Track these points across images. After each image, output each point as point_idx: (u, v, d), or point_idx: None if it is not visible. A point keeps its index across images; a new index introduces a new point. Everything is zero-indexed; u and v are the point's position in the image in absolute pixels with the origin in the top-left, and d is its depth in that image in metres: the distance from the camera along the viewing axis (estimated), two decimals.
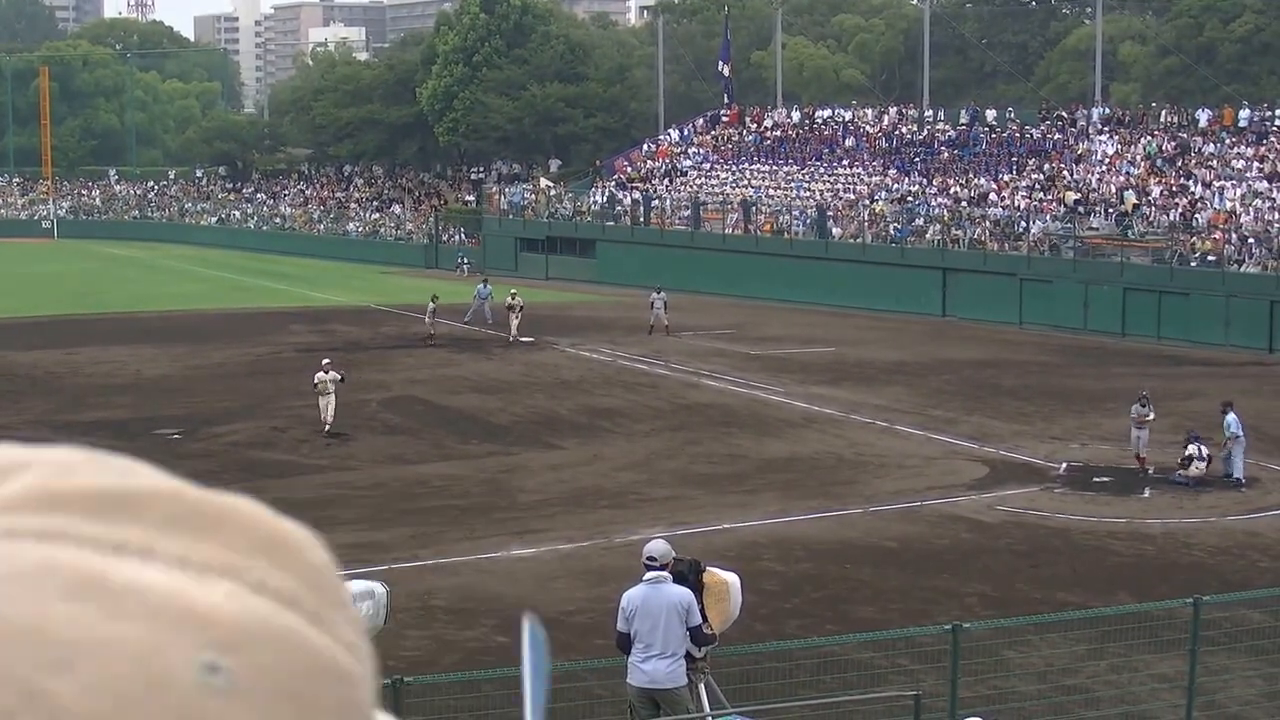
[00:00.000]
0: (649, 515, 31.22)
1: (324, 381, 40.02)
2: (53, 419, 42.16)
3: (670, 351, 55.08)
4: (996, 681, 20.60)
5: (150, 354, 54.46)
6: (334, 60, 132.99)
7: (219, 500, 0.96)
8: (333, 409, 39.92)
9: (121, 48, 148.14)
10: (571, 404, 44.75)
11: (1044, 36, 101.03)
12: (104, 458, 0.98)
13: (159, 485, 0.96)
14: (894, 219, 74.38)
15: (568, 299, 71.33)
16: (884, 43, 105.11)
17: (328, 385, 39.97)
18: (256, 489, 24.56)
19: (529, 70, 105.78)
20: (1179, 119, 74.97)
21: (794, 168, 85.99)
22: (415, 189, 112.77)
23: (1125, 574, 27.37)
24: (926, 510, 32.00)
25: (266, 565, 0.93)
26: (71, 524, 0.89)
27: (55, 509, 0.90)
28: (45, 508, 0.90)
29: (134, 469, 0.98)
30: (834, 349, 56.40)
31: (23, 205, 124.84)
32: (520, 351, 55.58)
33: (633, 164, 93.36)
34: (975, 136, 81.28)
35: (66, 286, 79.52)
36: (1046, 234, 67.82)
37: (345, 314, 67.75)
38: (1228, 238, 62.51)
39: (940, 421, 41.84)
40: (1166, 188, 69.31)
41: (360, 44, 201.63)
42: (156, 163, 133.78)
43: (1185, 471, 34.26)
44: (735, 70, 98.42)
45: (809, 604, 25.29)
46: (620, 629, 15.79)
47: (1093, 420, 41.05)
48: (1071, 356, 55.36)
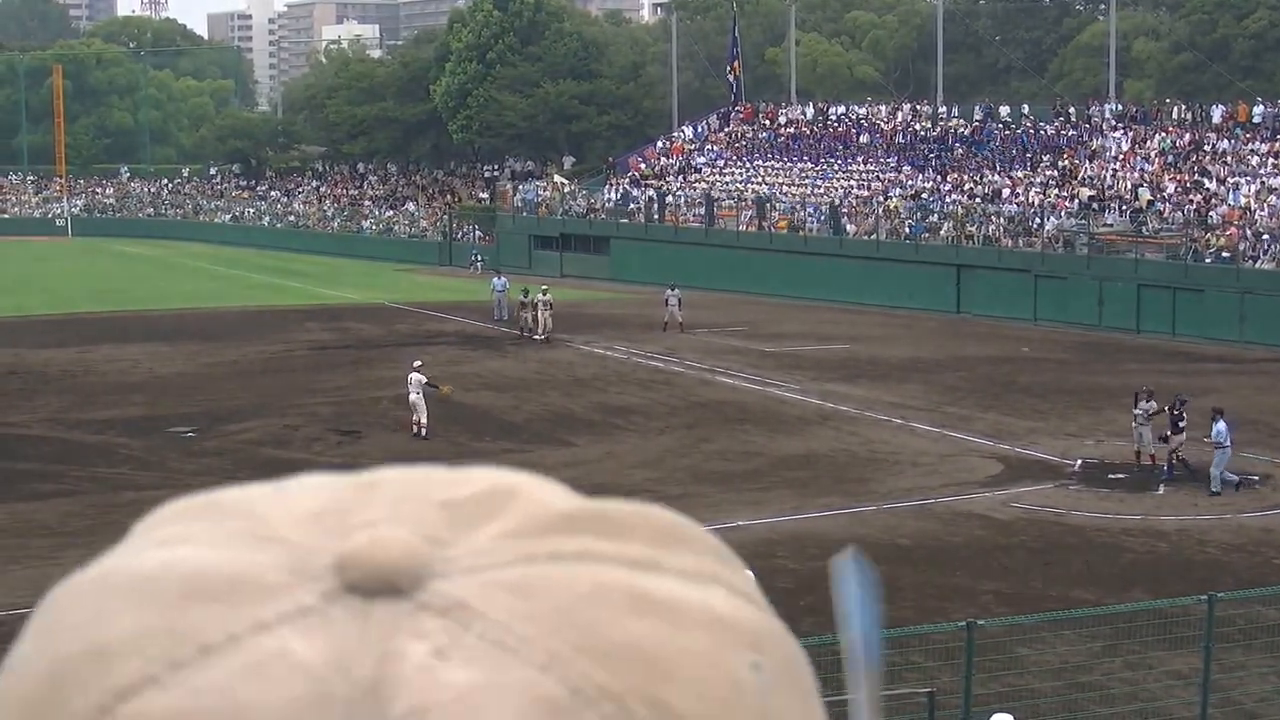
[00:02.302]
0: None
1: (414, 382, 39.92)
2: (67, 417, 42.21)
3: (684, 349, 55.05)
4: (1011, 679, 20.58)
5: (164, 352, 54.49)
6: (348, 58, 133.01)
7: (663, 513, 1.03)
8: (422, 410, 39.84)
9: (135, 46, 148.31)
10: (585, 401, 44.74)
11: (1058, 33, 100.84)
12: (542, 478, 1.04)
13: (619, 504, 1.02)
14: (908, 216, 74.27)
15: (582, 296, 71.29)
16: (897, 39, 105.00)
17: (414, 386, 39.85)
18: None
19: (543, 67, 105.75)
20: (1193, 115, 74.81)
21: (808, 164, 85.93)
22: (429, 186, 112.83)
23: (1140, 571, 27.33)
24: (941, 507, 31.97)
25: (726, 569, 1.02)
26: (590, 543, 0.97)
27: (569, 530, 0.97)
28: (561, 530, 0.97)
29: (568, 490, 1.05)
30: (848, 346, 56.34)
31: (37, 203, 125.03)
32: (534, 349, 55.56)
33: (647, 161, 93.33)
34: (989, 133, 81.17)
35: (80, 284, 79.58)
36: (1061, 230, 67.68)
37: (359, 311, 67.75)
38: (1242, 234, 62.34)
39: (955, 418, 41.79)
40: (1180, 184, 69.19)
41: (374, 41, 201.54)
42: (170, 160, 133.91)
43: None
44: (748, 67, 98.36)
45: (823, 601, 24.99)
46: None
47: (1108, 417, 40.96)
48: (1086, 353, 55.26)
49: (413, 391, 39.71)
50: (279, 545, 0.95)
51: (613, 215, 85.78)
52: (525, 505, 1.00)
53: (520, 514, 0.99)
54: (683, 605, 0.95)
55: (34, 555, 28.10)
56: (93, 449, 37.94)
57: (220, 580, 0.92)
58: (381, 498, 1.00)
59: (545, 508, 1.00)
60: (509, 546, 0.96)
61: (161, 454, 37.38)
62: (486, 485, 1.01)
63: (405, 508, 0.98)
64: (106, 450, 37.82)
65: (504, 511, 0.99)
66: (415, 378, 39.83)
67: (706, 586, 0.98)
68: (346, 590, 0.92)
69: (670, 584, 0.96)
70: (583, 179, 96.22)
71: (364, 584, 0.92)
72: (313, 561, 0.94)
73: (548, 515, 0.99)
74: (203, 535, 0.97)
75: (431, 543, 0.95)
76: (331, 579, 0.92)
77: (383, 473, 1.04)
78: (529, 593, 0.93)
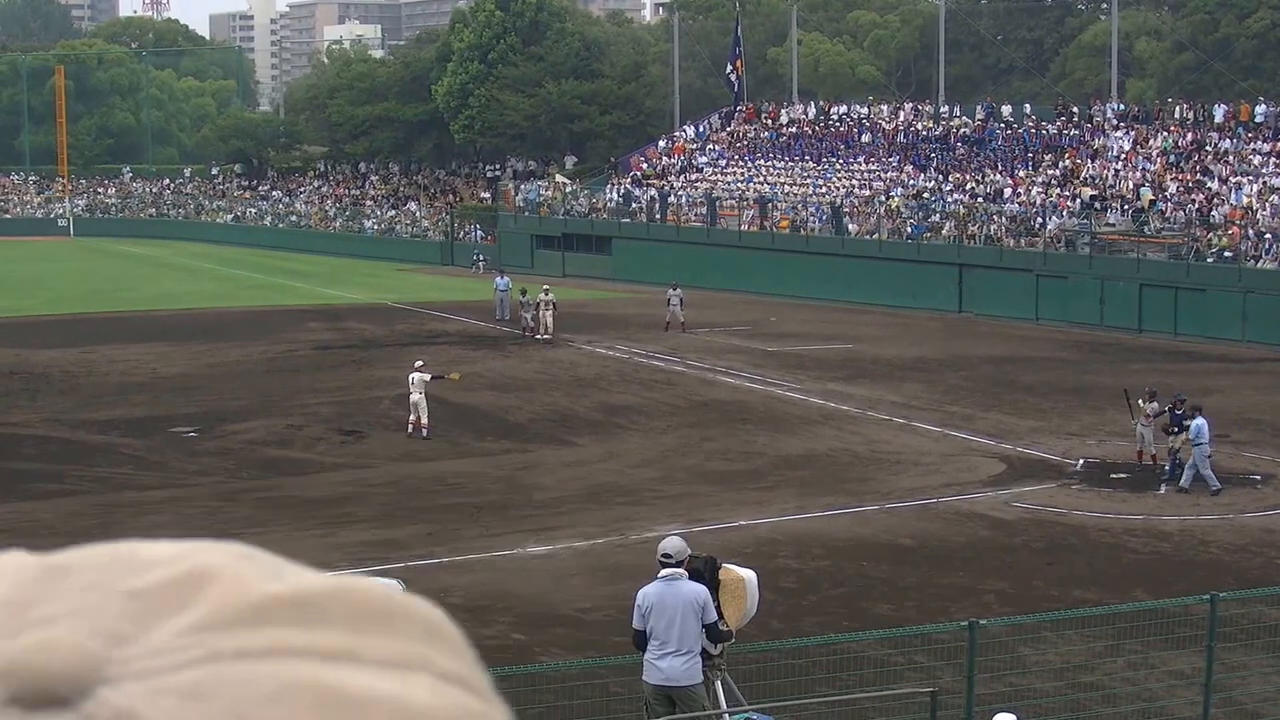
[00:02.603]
0: (665, 512, 31.21)
1: (416, 382, 39.78)
2: (69, 417, 42.22)
3: (686, 348, 55.06)
4: (1013, 678, 20.58)
5: (166, 352, 54.51)
6: (349, 58, 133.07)
7: (369, 589, 0.97)
8: (424, 410, 39.69)
9: (137, 46, 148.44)
10: (588, 401, 44.76)
11: (1060, 32, 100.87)
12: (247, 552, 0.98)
13: (322, 584, 0.96)
14: (910, 215, 74.28)
15: (583, 296, 71.31)
16: (899, 39, 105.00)
17: (416, 386, 39.73)
18: (273, 487, 24.48)
19: (544, 67, 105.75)
20: (1195, 115, 74.79)
21: (810, 164, 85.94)
22: (431, 186, 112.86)
23: (1142, 571, 27.33)
24: (943, 507, 31.97)
25: (435, 651, 0.96)
26: (282, 636, 0.90)
27: (260, 622, 0.90)
28: (251, 621, 0.90)
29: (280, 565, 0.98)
30: (850, 345, 56.35)
31: (39, 204, 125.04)
32: (536, 349, 55.57)
33: (649, 161, 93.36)
34: (991, 132, 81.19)
35: (82, 285, 79.64)
36: (1063, 230, 67.69)
37: (361, 311, 67.80)
38: (1244, 233, 62.35)
39: (957, 418, 41.80)
40: (1183, 183, 69.19)
41: (375, 41, 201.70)
42: (172, 161, 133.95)
43: None
44: (750, 66, 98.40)
45: (825, 601, 25.28)
46: (636, 626, 15.77)
47: (1110, 416, 40.93)
48: (1088, 352, 55.29)
49: (415, 391, 39.65)
50: None
51: (615, 215, 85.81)
52: (219, 593, 0.92)
53: (212, 604, 0.91)
54: (372, 703, 0.88)
55: None
56: (95, 449, 37.96)
57: None
58: (69, 587, 0.92)
59: (239, 596, 0.92)
60: (192, 643, 0.88)
61: (164, 454, 37.38)
62: (182, 570, 0.93)
63: (91, 599, 0.90)
64: (109, 450, 37.84)
65: (195, 601, 0.91)
66: (416, 377, 39.73)
67: (408, 675, 0.91)
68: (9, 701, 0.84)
69: (366, 677, 0.89)
70: (585, 179, 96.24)
71: (26, 695, 0.84)
72: None
73: (240, 604, 0.91)
74: None
75: (111, 641, 0.87)
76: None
77: (75, 554, 0.96)
78: (205, 697, 0.85)
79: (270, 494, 33.12)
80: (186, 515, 31.03)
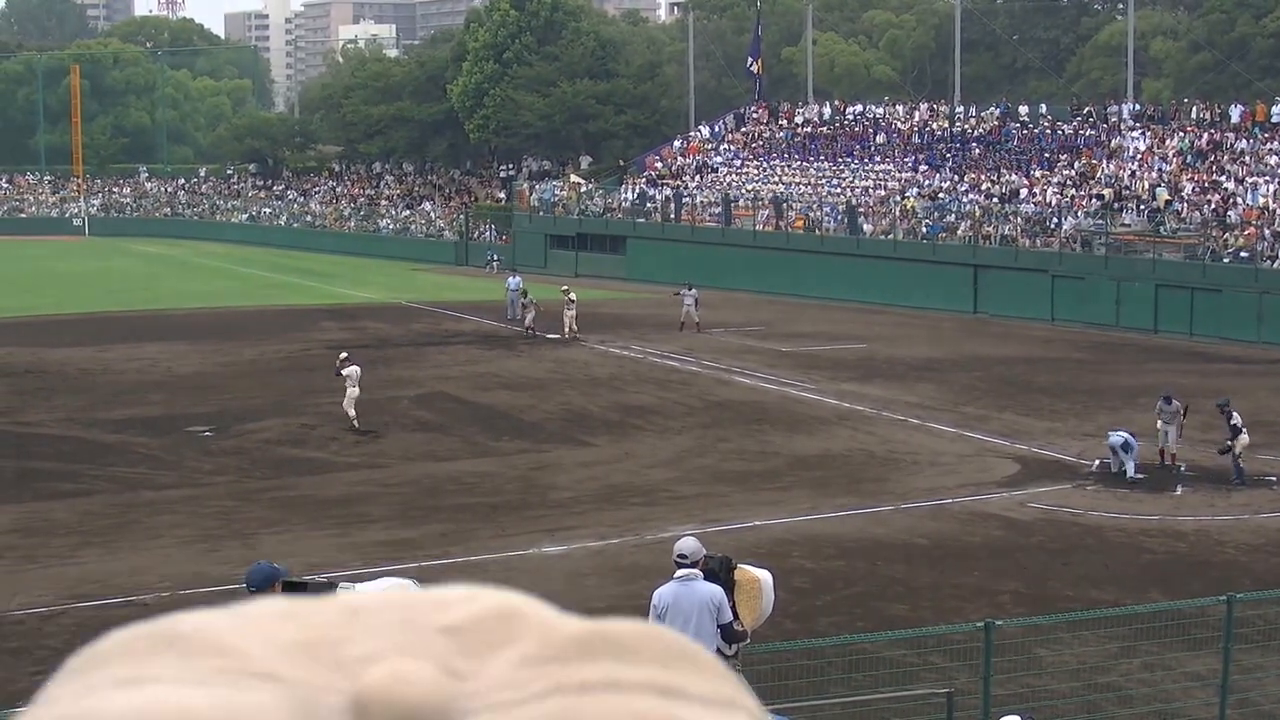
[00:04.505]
0: (680, 512, 31.19)
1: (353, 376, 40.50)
2: (84, 416, 42.26)
3: (701, 348, 55.04)
4: (1029, 679, 20.54)
5: (182, 351, 54.56)
6: (364, 57, 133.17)
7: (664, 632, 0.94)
8: (346, 402, 40.37)
9: (152, 46, 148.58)
10: (602, 401, 44.74)
11: (1076, 32, 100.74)
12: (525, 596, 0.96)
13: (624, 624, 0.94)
14: (925, 215, 74.25)
15: (598, 296, 71.30)
16: (915, 39, 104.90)
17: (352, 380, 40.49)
18: (289, 486, 24.48)
19: (560, 67, 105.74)
20: (1211, 115, 74.71)
21: (825, 164, 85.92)
22: (446, 186, 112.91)
23: (1158, 571, 27.28)
24: (958, 507, 31.93)
25: (741, 694, 0.93)
26: (614, 670, 0.88)
27: (586, 657, 0.89)
28: (579, 656, 0.89)
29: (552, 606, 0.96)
30: (865, 346, 56.31)
31: (54, 203, 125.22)
32: (550, 348, 55.58)
33: (664, 160, 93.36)
34: (1007, 133, 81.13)
35: (98, 284, 79.71)
36: (1078, 230, 67.63)
37: (376, 311, 67.85)
38: (1260, 234, 62.25)
39: (972, 418, 41.75)
40: (1199, 184, 69.09)
41: (390, 41, 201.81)
42: (187, 160, 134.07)
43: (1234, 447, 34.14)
44: (766, 66, 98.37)
45: (840, 601, 25.24)
46: None
47: (1125, 417, 40.80)
48: (1104, 353, 55.21)
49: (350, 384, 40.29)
50: (273, 683, 0.84)
51: (629, 215, 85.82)
52: (535, 629, 0.91)
53: (533, 639, 0.90)
54: None
55: (53, 554, 28.14)
56: (110, 448, 37.98)
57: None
58: (373, 625, 0.91)
59: (556, 631, 0.91)
60: (534, 676, 0.87)
61: (179, 453, 37.40)
62: (486, 606, 0.92)
63: (406, 636, 0.89)
64: (124, 449, 37.86)
65: (515, 637, 0.90)
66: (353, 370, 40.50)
67: (731, 713, 0.91)
68: None
69: (701, 712, 0.88)
70: (599, 179, 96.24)
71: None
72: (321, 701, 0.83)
73: (562, 640, 0.90)
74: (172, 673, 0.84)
75: (450, 675, 0.86)
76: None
77: (356, 597, 0.94)
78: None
79: (285, 493, 33.12)
80: (202, 515, 31.05)
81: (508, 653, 0.89)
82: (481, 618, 0.91)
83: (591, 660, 0.89)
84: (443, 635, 0.90)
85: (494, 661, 0.88)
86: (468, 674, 0.87)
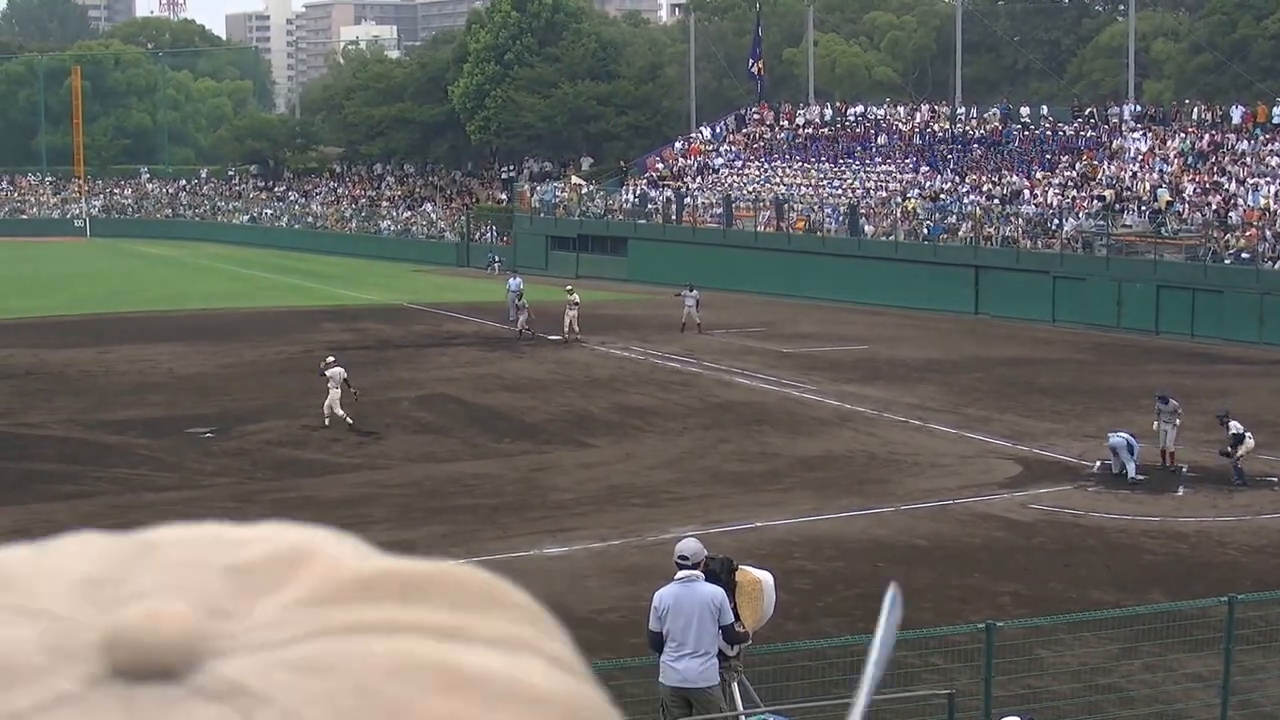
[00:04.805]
0: (681, 513, 31.19)
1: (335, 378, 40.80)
2: (86, 417, 42.26)
3: (702, 349, 55.03)
4: (1030, 680, 20.53)
5: (182, 352, 54.56)
6: (365, 58, 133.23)
7: (467, 572, 0.94)
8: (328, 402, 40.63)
9: (153, 47, 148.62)
10: (603, 402, 44.73)
11: (1076, 34, 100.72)
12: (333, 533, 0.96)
13: (420, 565, 0.93)
14: (926, 217, 74.23)
15: (599, 297, 71.26)
16: (916, 40, 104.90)
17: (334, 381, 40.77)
18: (289, 488, 24.49)
19: (561, 68, 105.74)
20: (1212, 116, 74.71)
21: (826, 165, 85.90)
22: (447, 187, 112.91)
23: (1159, 573, 27.27)
24: (959, 509, 31.93)
25: (541, 635, 0.93)
26: (390, 612, 0.87)
27: (366, 598, 0.88)
28: (357, 598, 0.88)
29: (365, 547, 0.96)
30: (866, 347, 56.29)
31: (55, 204, 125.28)
32: (551, 350, 55.56)
33: (665, 162, 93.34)
34: (1008, 134, 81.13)
35: (99, 285, 79.71)
36: (1079, 231, 67.62)
37: (377, 312, 67.83)
38: (1261, 235, 62.25)
39: (973, 420, 41.74)
40: (1200, 185, 69.08)
41: (392, 42, 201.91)
42: (188, 161, 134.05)
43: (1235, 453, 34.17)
44: (767, 68, 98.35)
45: (841, 602, 25.23)
46: (652, 628, 15.75)
47: (1127, 418, 40.76)
48: (1105, 354, 55.19)
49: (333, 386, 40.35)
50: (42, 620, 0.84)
51: (630, 216, 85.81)
52: (320, 569, 0.90)
53: (314, 579, 0.89)
54: (494, 680, 0.86)
55: None
56: (112, 449, 37.99)
57: None
58: (160, 562, 0.90)
59: (342, 571, 0.90)
60: (301, 618, 0.86)
61: (180, 454, 37.40)
62: (277, 546, 0.91)
63: (186, 574, 0.88)
64: (125, 451, 37.86)
65: (296, 577, 0.89)
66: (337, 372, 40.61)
67: (520, 656, 0.89)
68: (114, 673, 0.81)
69: (481, 655, 0.87)
70: (600, 180, 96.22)
71: (132, 667, 0.81)
72: (77, 639, 0.83)
73: (345, 580, 0.89)
74: None
75: (213, 615, 0.85)
76: (97, 660, 0.82)
77: (162, 532, 0.95)
78: (323, 672, 0.83)
79: (287, 495, 33.11)
80: (203, 517, 30.92)
81: (283, 594, 0.87)
82: (269, 557, 0.90)
83: (371, 602, 0.88)
84: (225, 574, 0.88)
85: (266, 602, 0.87)
86: (233, 615, 0.86)
